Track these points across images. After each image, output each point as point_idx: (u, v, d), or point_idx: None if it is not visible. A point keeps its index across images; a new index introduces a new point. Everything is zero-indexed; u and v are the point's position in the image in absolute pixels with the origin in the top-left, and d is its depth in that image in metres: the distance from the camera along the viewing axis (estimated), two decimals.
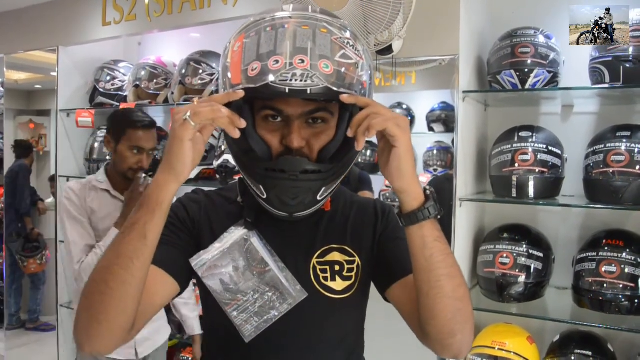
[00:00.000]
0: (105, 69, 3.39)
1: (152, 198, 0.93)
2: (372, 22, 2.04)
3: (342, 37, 0.97)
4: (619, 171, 1.95)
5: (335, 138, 1.02)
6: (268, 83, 0.90)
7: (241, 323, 1.07)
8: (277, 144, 1.02)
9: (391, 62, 2.29)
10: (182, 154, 0.91)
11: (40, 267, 5.21)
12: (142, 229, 0.92)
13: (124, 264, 0.91)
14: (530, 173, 2.10)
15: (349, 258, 1.16)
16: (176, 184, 0.93)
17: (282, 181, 0.99)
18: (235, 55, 0.96)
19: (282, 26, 0.95)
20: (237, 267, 1.08)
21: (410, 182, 0.97)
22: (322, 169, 1.00)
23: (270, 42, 0.93)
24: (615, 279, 1.96)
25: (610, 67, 1.98)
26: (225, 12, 2.80)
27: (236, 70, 0.95)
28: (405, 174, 0.95)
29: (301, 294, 1.08)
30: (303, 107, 0.98)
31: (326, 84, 0.91)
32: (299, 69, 0.90)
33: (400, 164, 0.94)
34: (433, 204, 0.98)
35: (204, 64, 2.92)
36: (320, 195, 1.03)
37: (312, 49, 0.92)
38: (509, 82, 2.15)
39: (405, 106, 3.84)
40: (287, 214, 1.04)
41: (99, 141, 3.36)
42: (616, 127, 2.05)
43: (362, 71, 0.98)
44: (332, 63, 0.93)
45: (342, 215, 1.19)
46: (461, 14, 2.15)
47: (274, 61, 0.91)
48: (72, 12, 3.46)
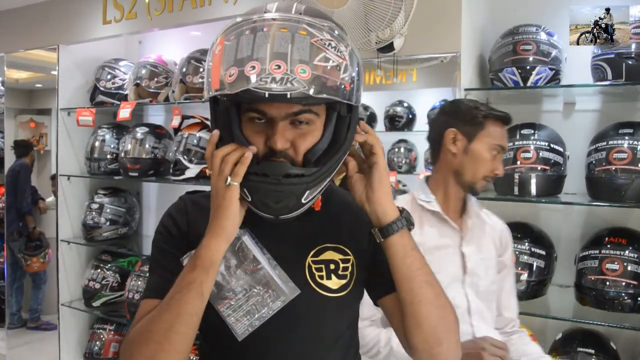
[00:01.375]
0: (105, 67, 3.38)
1: (206, 259, 0.99)
2: (373, 19, 2.04)
3: (323, 39, 0.95)
4: (622, 168, 1.95)
5: (321, 140, 1.02)
6: (248, 88, 0.89)
7: (233, 322, 1.07)
8: (261, 146, 1.01)
9: (392, 60, 2.28)
10: (233, 215, 0.99)
11: (43, 266, 5.22)
12: (200, 288, 0.98)
13: (187, 321, 0.98)
14: (532, 171, 2.09)
15: (344, 257, 1.15)
16: (226, 244, 1.01)
17: (264, 185, 0.98)
18: (215, 58, 0.96)
19: (261, 29, 0.94)
20: (228, 265, 1.07)
21: (389, 195, 1.06)
22: (305, 173, 0.99)
23: (247, 46, 0.92)
24: (618, 276, 1.96)
25: (613, 64, 1.98)
26: (226, 9, 2.80)
27: (216, 75, 0.94)
28: (386, 185, 1.04)
29: (294, 291, 1.08)
30: (287, 108, 0.98)
31: (302, 89, 0.90)
32: (274, 74, 0.89)
33: (382, 177, 1.04)
34: (407, 214, 1.06)
35: (205, 62, 2.91)
36: (305, 199, 1.02)
37: (290, 54, 0.91)
38: (511, 79, 2.14)
39: (407, 104, 3.83)
40: (273, 217, 1.04)
41: (100, 140, 3.36)
42: (618, 124, 2.05)
43: (345, 73, 0.95)
44: (309, 67, 0.91)
45: (335, 215, 1.19)
46: (463, 11, 2.14)
47: (250, 67, 0.90)
48: (73, 11, 3.46)
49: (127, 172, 3.16)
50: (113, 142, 3.34)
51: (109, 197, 3.43)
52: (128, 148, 3.17)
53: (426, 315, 1.03)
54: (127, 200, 3.52)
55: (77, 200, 3.56)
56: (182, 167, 2.85)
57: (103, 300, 3.38)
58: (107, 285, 3.38)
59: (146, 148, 3.15)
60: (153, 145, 3.17)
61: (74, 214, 3.55)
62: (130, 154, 3.15)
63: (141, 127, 3.24)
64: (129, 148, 3.16)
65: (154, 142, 3.18)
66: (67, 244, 3.52)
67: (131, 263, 3.45)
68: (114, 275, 3.41)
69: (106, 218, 3.38)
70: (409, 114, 3.83)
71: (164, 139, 3.23)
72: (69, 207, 3.55)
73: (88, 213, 3.39)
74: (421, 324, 1.04)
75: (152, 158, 3.16)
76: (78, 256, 3.62)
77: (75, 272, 3.60)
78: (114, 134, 3.37)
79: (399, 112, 3.82)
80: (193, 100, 2.92)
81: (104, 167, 3.33)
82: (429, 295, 1.04)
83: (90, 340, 3.45)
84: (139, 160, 3.14)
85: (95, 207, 3.38)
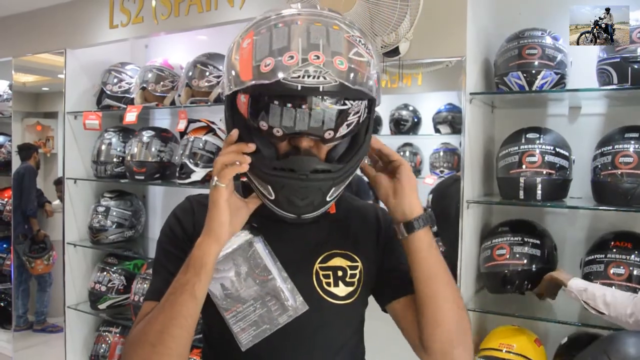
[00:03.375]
0: (112, 71, 3.40)
1: (197, 261, 0.99)
2: (378, 24, 2.05)
3: (354, 35, 0.96)
4: (628, 172, 1.95)
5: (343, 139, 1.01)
6: (280, 80, 0.88)
7: (238, 331, 1.06)
8: (285, 144, 1.01)
9: (398, 64, 2.29)
10: (218, 216, 0.98)
11: (47, 268, 5.24)
12: (192, 290, 0.98)
13: (180, 323, 0.97)
14: (537, 175, 2.09)
15: (351, 263, 1.14)
16: (217, 246, 1.00)
17: (291, 180, 0.98)
18: (244, 51, 0.94)
19: (295, 22, 0.94)
20: (239, 272, 1.07)
21: (416, 192, 1.07)
22: (332, 169, 1.00)
23: (283, 38, 0.92)
24: (624, 281, 1.95)
25: (618, 68, 1.97)
26: (232, 14, 2.81)
27: (247, 66, 0.92)
28: (413, 181, 1.06)
29: (302, 307, 1.07)
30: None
31: (340, 80, 0.90)
32: (313, 64, 0.88)
33: (410, 174, 1.06)
34: (431, 212, 1.07)
35: (211, 66, 2.93)
36: (330, 196, 1.02)
37: (325, 46, 0.91)
38: (516, 83, 2.14)
39: (412, 107, 3.83)
40: (295, 215, 1.02)
41: (106, 143, 3.37)
42: (624, 128, 2.05)
43: (373, 70, 0.97)
44: (346, 60, 0.92)
45: (344, 220, 1.18)
46: (468, 15, 2.14)
47: (288, 57, 0.89)
48: (80, 15, 3.48)
49: (133, 175, 3.17)
50: (119, 145, 3.36)
51: (115, 200, 3.45)
52: (134, 151, 3.18)
53: (446, 315, 1.03)
54: (133, 203, 3.53)
55: (83, 203, 3.58)
56: (188, 171, 2.86)
57: (109, 302, 3.39)
58: (113, 288, 3.39)
59: (152, 151, 3.16)
60: (159, 149, 3.18)
61: (80, 216, 3.57)
62: (136, 158, 3.16)
63: (147, 131, 3.25)
64: (135, 151, 3.18)
65: (160, 146, 3.19)
66: (73, 247, 3.54)
67: (137, 266, 3.46)
68: (119, 278, 3.42)
69: (112, 221, 3.39)
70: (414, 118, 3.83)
71: (170, 143, 3.24)
72: (75, 210, 3.57)
73: (94, 216, 3.40)
74: (440, 323, 1.03)
75: (158, 161, 3.17)
76: (84, 259, 3.64)
77: (82, 274, 3.61)
78: (120, 137, 3.39)
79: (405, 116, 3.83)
80: (199, 104, 2.93)
81: (110, 171, 3.34)
82: (450, 294, 1.04)
83: (96, 343, 3.46)
84: (145, 163, 3.15)
85: (101, 210, 3.40)
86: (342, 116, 0.94)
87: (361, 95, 0.95)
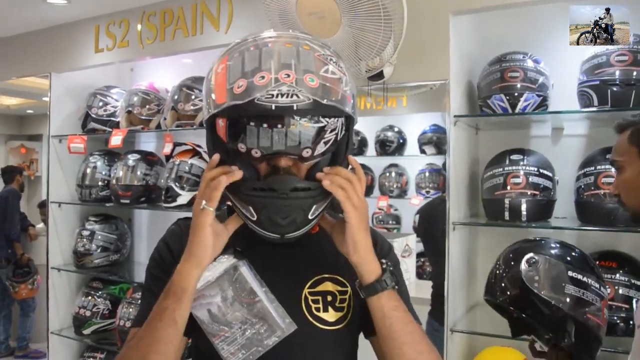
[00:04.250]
0: (97, 94, 3.38)
1: (178, 286, 0.98)
2: (363, 48, 2.07)
3: (325, 54, 0.98)
4: (610, 193, 1.97)
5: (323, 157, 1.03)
6: (254, 100, 0.90)
7: (228, 356, 1.05)
8: (264, 165, 1.02)
9: (382, 88, 2.31)
10: (203, 240, 0.99)
11: (31, 292, 5.16)
12: (172, 315, 0.98)
13: (159, 350, 0.97)
14: (522, 196, 2.11)
15: (341, 288, 1.13)
16: (198, 270, 1.00)
17: (272, 200, 0.98)
18: (219, 76, 0.97)
19: (266, 45, 0.97)
20: (225, 297, 1.06)
21: (365, 257, 1.02)
22: (311, 187, 1.00)
23: (254, 59, 0.94)
24: (610, 300, 1.96)
25: (598, 90, 2.01)
26: (218, 38, 2.82)
27: (221, 90, 0.95)
28: (359, 248, 1.02)
29: (290, 327, 1.06)
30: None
31: (312, 97, 0.91)
32: (285, 83, 0.90)
33: (354, 239, 1.01)
34: (389, 276, 1.03)
35: (197, 89, 2.93)
36: (312, 214, 1.02)
37: (296, 65, 0.93)
38: (499, 106, 2.17)
39: (397, 129, 3.87)
40: (279, 235, 1.03)
41: (91, 167, 3.35)
42: (606, 149, 2.07)
43: (347, 86, 0.98)
44: (317, 77, 0.94)
45: (332, 242, 1.15)
46: (450, 39, 2.18)
47: (259, 77, 0.91)
48: (65, 39, 3.48)
49: (118, 199, 3.15)
50: (104, 169, 3.33)
51: (100, 224, 3.41)
52: (119, 175, 3.16)
53: None
54: (119, 227, 3.50)
55: (67, 227, 3.53)
56: (174, 194, 2.84)
57: (94, 328, 3.34)
58: (97, 312, 3.34)
59: (138, 175, 3.14)
60: (145, 172, 3.16)
61: (64, 240, 3.52)
62: (121, 181, 3.14)
63: (133, 154, 3.23)
64: (121, 175, 3.15)
65: (146, 169, 3.17)
66: (57, 271, 3.48)
67: (122, 290, 3.42)
68: (104, 302, 3.37)
69: (97, 245, 3.35)
70: (399, 139, 3.87)
71: (156, 166, 3.23)
72: (59, 234, 3.52)
73: (79, 240, 3.36)
74: None
75: (144, 185, 3.15)
76: (68, 283, 3.58)
77: (66, 299, 3.55)
78: (105, 160, 3.36)
79: (390, 137, 3.86)
80: (185, 128, 2.93)
81: (95, 194, 3.31)
82: (409, 355, 1.02)
83: None
84: (131, 187, 3.13)
85: (86, 234, 3.36)
86: (318, 134, 0.96)
87: (335, 112, 0.96)
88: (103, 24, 3.28)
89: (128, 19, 3.17)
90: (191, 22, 2.91)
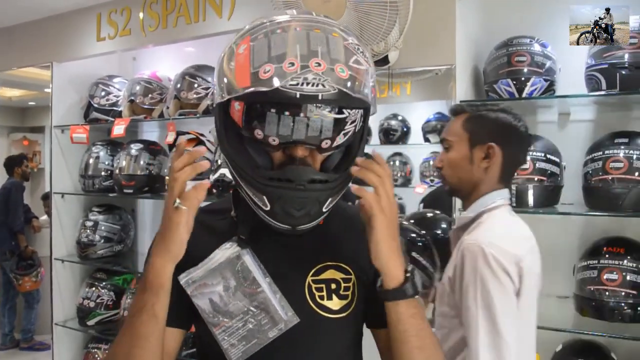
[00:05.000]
0: (99, 84, 3.37)
1: (154, 281, 0.95)
2: (368, 32, 2.04)
3: (353, 43, 0.95)
4: (618, 178, 1.95)
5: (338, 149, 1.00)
6: (278, 88, 0.86)
7: (228, 347, 1.03)
8: (279, 153, 0.98)
9: (387, 73, 2.29)
10: (178, 237, 0.93)
11: (35, 285, 5.17)
12: (152, 310, 0.95)
13: (142, 345, 0.95)
14: (529, 182, 2.09)
15: (345, 276, 1.11)
16: (173, 264, 0.96)
17: (288, 191, 0.95)
18: (241, 57, 0.92)
19: (294, 29, 0.92)
20: (227, 286, 1.03)
21: (387, 263, 0.98)
22: (329, 179, 0.97)
23: (282, 44, 0.89)
24: (617, 286, 1.95)
25: (607, 74, 1.98)
26: (221, 25, 2.80)
27: (244, 73, 0.90)
28: (381, 254, 0.98)
29: (293, 320, 1.03)
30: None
31: (340, 88, 0.88)
32: (314, 72, 0.86)
33: (377, 245, 0.97)
34: (411, 284, 0.99)
35: (199, 77, 2.92)
36: (326, 207, 0.99)
37: (325, 53, 0.89)
38: (506, 91, 2.15)
39: (401, 117, 3.84)
40: (290, 227, 0.99)
41: (94, 157, 3.34)
42: (614, 133, 2.05)
43: (371, 78, 0.95)
44: (347, 68, 0.90)
45: (337, 230, 1.14)
46: (457, 23, 2.15)
47: (288, 63, 0.87)
48: (66, 28, 3.45)
49: (121, 189, 3.14)
50: (107, 159, 3.32)
51: (103, 215, 3.40)
52: (122, 165, 3.15)
53: None
54: (122, 217, 3.49)
55: (71, 218, 3.53)
56: None
57: (98, 319, 3.34)
58: (101, 303, 3.34)
59: (141, 165, 3.13)
60: (148, 162, 3.15)
61: (68, 232, 3.52)
62: (124, 171, 3.13)
63: (136, 144, 3.22)
64: (124, 165, 3.15)
65: (149, 159, 3.16)
66: (61, 263, 3.48)
67: (126, 281, 3.42)
68: (108, 293, 3.37)
69: (101, 235, 3.34)
70: (403, 127, 3.83)
71: (159, 155, 3.22)
72: (63, 225, 3.52)
73: (82, 231, 3.35)
74: None
75: (147, 174, 3.14)
76: (72, 275, 3.58)
77: (70, 290, 3.55)
78: (108, 150, 3.36)
79: (394, 126, 3.83)
80: (188, 116, 2.91)
81: (98, 184, 3.30)
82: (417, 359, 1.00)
83: None
84: (134, 177, 3.12)
85: (89, 225, 3.35)
86: (339, 125, 0.93)
87: (360, 104, 0.94)
88: (105, 12, 3.26)
89: (130, 6, 3.15)
90: (194, 9, 2.89)
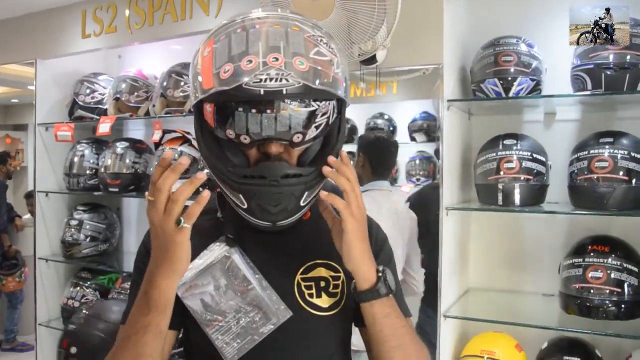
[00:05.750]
0: (84, 82, 3.33)
1: (161, 300, 0.94)
2: (356, 31, 2.04)
3: (315, 35, 0.95)
4: (603, 177, 1.97)
5: (314, 142, 1.01)
6: (242, 86, 0.87)
7: (222, 345, 1.03)
8: (254, 151, 0.99)
9: (375, 72, 2.29)
10: (184, 255, 0.93)
11: (19, 285, 5.12)
12: (157, 329, 0.95)
13: None
14: (515, 181, 2.10)
15: (334, 274, 1.12)
16: (179, 280, 0.96)
17: (262, 187, 0.96)
18: (205, 60, 0.94)
19: (253, 27, 0.93)
20: (218, 286, 1.04)
21: (360, 265, 1.00)
22: (303, 172, 0.98)
23: (241, 42, 0.91)
24: (602, 284, 1.97)
25: (592, 74, 2.00)
26: (208, 23, 2.78)
27: (207, 75, 0.92)
28: (354, 257, 0.99)
29: (285, 314, 1.04)
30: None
31: (302, 81, 0.88)
32: (274, 67, 0.87)
33: (349, 248, 0.98)
34: (383, 284, 1.01)
35: (186, 75, 2.90)
36: (304, 201, 1.00)
37: (285, 47, 0.90)
38: (493, 90, 2.16)
39: (387, 116, 3.86)
40: (270, 224, 1.00)
41: (79, 155, 3.30)
42: (599, 133, 2.07)
43: (338, 69, 0.96)
44: (307, 60, 0.90)
45: (325, 227, 1.12)
46: (444, 23, 2.16)
47: (247, 61, 0.88)
48: (51, 25, 3.41)
49: (107, 187, 3.11)
50: (92, 157, 3.29)
51: (88, 213, 3.37)
52: (108, 163, 3.12)
53: None
54: (107, 216, 3.46)
55: (55, 216, 3.49)
56: None
57: None
58: (86, 303, 3.30)
59: (126, 163, 3.11)
60: (133, 160, 3.12)
61: (52, 231, 3.48)
62: (110, 169, 3.10)
63: (121, 142, 3.19)
64: (109, 163, 3.11)
65: (135, 157, 3.13)
66: (45, 262, 3.44)
67: (111, 280, 3.38)
68: (93, 293, 3.33)
69: (86, 234, 3.31)
70: (389, 126, 3.85)
71: (145, 154, 3.19)
72: (47, 224, 3.47)
73: (67, 230, 3.31)
74: None
75: (133, 173, 3.11)
76: (57, 274, 3.54)
77: (54, 290, 3.51)
78: (93, 149, 3.32)
79: (380, 124, 3.85)
80: (174, 115, 2.89)
81: (83, 183, 3.27)
82: (396, 358, 1.03)
83: None
84: (119, 175, 3.09)
85: (74, 224, 3.31)
86: (309, 118, 0.93)
87: (326, 96, 0.94)
88: (90, 9, 3.22)
89: (115, 3, 3.12)
90: (180, 7, 2.87)
